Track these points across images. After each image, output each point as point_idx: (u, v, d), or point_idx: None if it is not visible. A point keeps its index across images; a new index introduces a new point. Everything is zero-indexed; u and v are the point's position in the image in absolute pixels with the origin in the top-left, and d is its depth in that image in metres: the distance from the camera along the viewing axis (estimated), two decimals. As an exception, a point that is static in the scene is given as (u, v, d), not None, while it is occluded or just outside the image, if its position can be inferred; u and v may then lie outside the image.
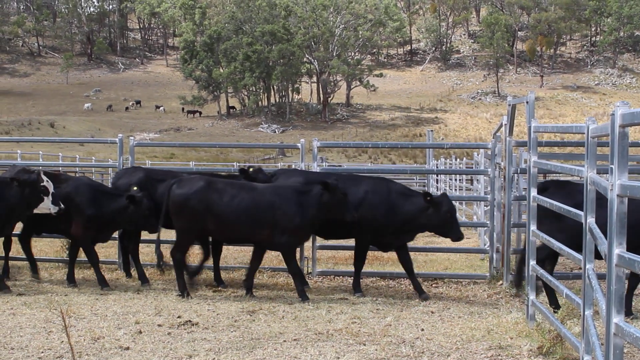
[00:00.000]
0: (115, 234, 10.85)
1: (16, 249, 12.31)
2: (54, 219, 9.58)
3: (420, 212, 9.21)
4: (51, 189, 9.18)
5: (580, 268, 5.69)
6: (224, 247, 13.81)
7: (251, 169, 10.56)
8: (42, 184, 9.12)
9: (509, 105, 10.72)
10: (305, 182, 9.48)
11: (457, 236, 9.38)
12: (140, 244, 10.77)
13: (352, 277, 9.81)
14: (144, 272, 10.21)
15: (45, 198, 9.14)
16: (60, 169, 17.24)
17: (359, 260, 9.63)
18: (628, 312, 8.03)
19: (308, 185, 9.15)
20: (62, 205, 9.21)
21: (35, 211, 9.29)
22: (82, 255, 11.96)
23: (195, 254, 13.19)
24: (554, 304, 8.14)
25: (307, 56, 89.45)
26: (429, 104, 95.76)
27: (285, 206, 8.84)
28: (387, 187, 9.58)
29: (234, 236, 9.37)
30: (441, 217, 9.19)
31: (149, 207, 9.56)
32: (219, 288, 9.80)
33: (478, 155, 19.39)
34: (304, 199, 8.90)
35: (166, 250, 10.69)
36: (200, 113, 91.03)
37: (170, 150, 62.33)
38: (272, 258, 12.33)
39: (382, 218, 9.33)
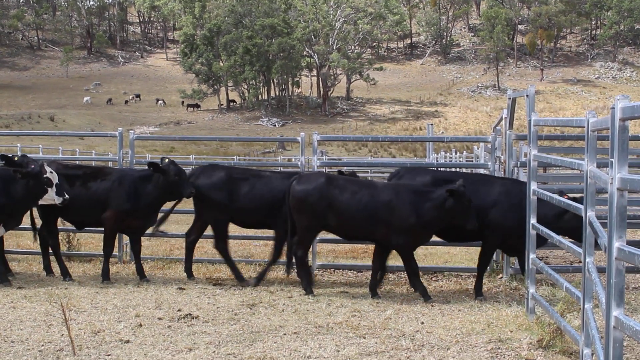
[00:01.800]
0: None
1: (16, 242, 12.32)
2: (94, 214, 9.70)
3: (557, 217, 8.54)
4: (55, 180, 9.19)
5: (580, 261, 5.69)
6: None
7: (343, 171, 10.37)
8: (45, 175, 9.13)
9: (509, 98, 10.72)
10: (432, 182, 9.19)
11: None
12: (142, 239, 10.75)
13: (355, 271, 9.76)
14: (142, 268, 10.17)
15: (50, 189, 9.14)
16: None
17: (483, 265, 9.17)
18: None
19: (432, 187, 8.83)
20: (67, 196, 9.22)
21: (41, 202, 9.32)
22: (82, 249, 11.99)
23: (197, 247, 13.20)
24: None
25: (307, 50, 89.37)
26: (429, 97, 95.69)
27: (402, 206, 8.63)
28: (522, 190, 9.03)
29: (354, 233, 9.15)
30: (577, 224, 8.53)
31: (177, 171, 9.55)
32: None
33: (478, 148, 19.41)
34: (424, 200, 8.62)
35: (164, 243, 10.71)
36: (199, 106, 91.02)
37: (170, 144, 62.32)
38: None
39: (513, 221, 8.81)
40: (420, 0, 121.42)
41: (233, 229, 10.25)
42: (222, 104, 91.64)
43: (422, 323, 7.47)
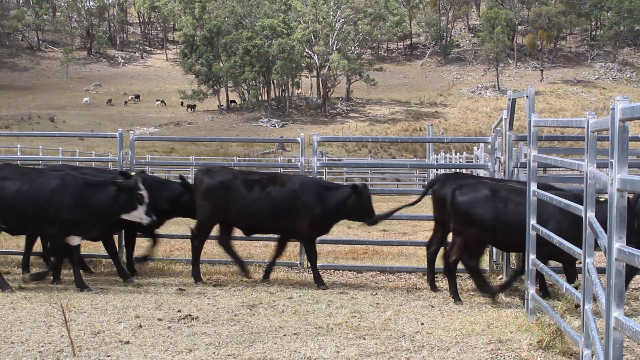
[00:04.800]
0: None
1: (17, 242, 12.32)
2: (272, 221, 9.69)
3: None
4: (146, 199, 8.90)
5: (580, 262, 5.69)
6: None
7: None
8: (139, 191, 8.86)
9: (509, 99, 10.71)
10: None
11: None
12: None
13: (355, 272, 9.75)
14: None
15: (139, 207, 8.88)
16: (60, 163, 17.25)
17: None
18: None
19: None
20: (154, 217, 9.01)
21: (125, 216, 9.06)
22: (82, 250, 11.98)
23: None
24: None
25: (307, 50, 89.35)
26: (429, 98, 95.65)
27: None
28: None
29: (514, 245, 8.71)
30: None
31: (370, 198, 9.73)
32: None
33: (478, 149, 19.40)
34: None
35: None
36: (195, 107, 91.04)
37: (170, 145, 62.33)
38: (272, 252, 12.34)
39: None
40: (420, 1, 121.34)
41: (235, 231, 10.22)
42: (222, 105, 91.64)
43: (422, 324, 7.47)
